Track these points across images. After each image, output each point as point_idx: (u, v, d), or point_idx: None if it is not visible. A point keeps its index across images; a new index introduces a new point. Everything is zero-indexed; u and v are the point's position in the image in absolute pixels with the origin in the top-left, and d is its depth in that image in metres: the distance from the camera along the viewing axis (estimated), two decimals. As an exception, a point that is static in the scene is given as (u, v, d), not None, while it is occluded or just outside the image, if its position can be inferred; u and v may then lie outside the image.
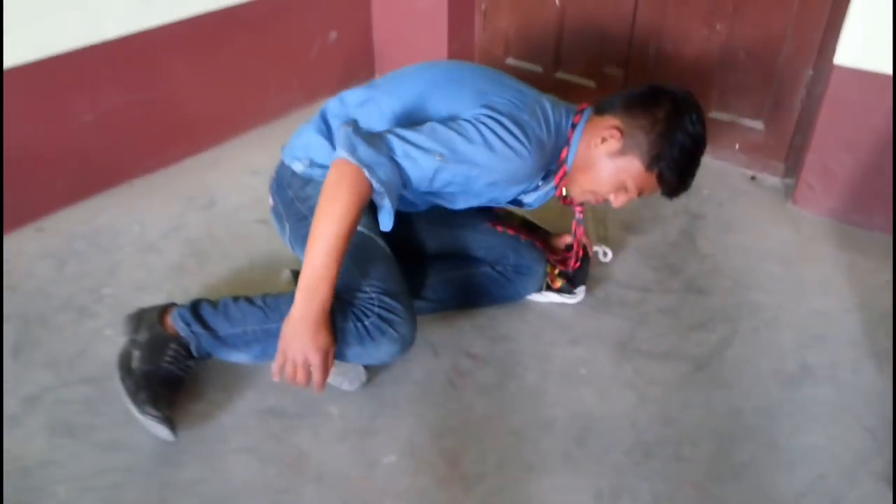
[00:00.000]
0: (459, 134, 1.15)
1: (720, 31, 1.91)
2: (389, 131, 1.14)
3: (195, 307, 1.28)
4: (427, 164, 1.13)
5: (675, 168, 1.22)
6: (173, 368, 1.25)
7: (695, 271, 1.67)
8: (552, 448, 1.23)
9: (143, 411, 1.18)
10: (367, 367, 1.33)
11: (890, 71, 1.58)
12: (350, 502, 1.13)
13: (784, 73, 1.87)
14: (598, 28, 2.14)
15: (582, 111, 1.30)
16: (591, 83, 2.24)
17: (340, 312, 1.18)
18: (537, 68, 2.35)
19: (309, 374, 1.14)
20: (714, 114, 2.04)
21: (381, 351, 1.21)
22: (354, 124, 1.15)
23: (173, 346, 1.25)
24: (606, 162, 1.25)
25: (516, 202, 1.45)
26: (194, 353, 1.27)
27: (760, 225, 1.84)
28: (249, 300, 1.27)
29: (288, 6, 2.16)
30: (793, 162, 1.92)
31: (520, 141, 1.17)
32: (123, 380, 1.22)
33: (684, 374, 1.39)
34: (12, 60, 1.60)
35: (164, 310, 1.30)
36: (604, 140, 1.24)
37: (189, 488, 1.15)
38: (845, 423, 1.28)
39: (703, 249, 1.74)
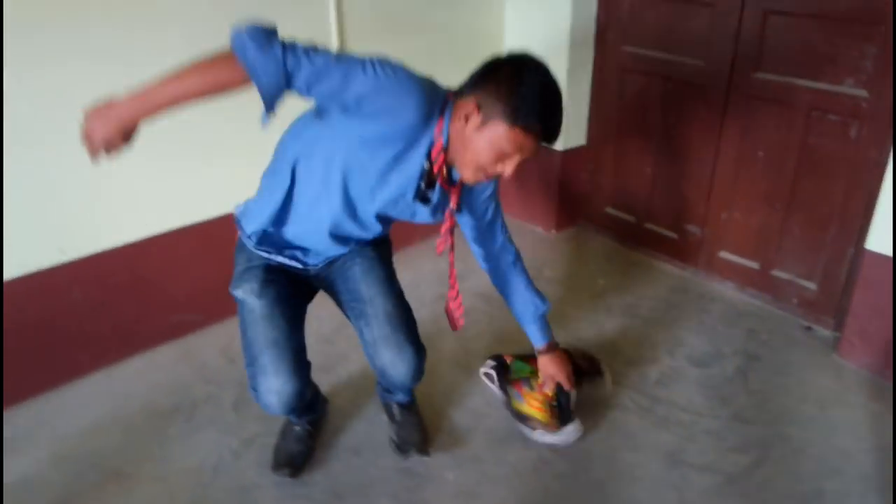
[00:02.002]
0: (356, 58, 1.26)
1: (779, 209, 2.37)
2: (292, 43, 1.22)
3: None
4: (319, 60, 1.22)
5: (532, 114, 1.30)
6: (291, 434, 1.85)
7: (742, 404, 2.06)
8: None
9: (276, 472, 1.79)
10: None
11: (911, 259, 1.97)
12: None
13: (831, 249, 2.28)
14: (682, 193, 2.65)
15: (452, 96, 1.39)
16: (674, 235, 2.74)
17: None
18: (631, 218, 2.88)
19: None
20: (776, 272, 2.46)
21: (261, 391, 1.54)
22: (252, 26, 1.20)
23: (284, 420, 1.85)
24: (476, 136, 1.33)
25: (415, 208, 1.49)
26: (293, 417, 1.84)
27: (807, 370, 2.21)
28: None
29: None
30: (840, 319, 2.29)
31: (411, 74, 1.30)
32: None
33: (719, 484, 1.79)
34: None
35: None
36: (467, 118, 1.32)
37: (351, 516, 1.70)
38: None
39: (753, 386, 2.14)
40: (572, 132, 2.88)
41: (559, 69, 2.73)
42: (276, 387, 1.53)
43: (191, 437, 1.94)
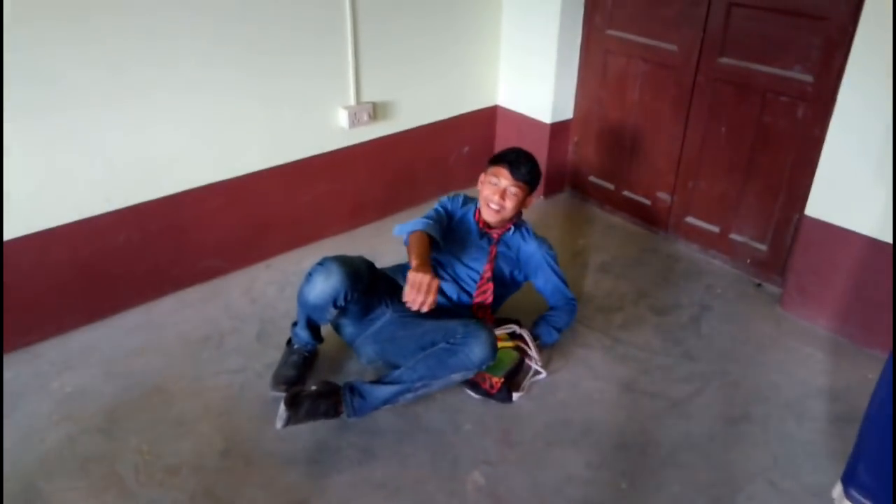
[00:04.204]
0: None
1: (737, 179, 2.68)
2: None
3: None
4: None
5: (501, 156, 2.21)
6: (288, 362, 2.20)
7: (692, 345, 2.40)
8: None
9: (273, 389, 2.11)
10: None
11: (843, 225, 2.28)
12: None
13: (780, 215, 2.60)
14: (655, 164, 2.96)
15: None
16: (647, 202, 3.05)
17: None
18: (610, 186, 3.19)
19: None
20: (733, 235, 2.78)
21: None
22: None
23: (285, 350, 2.20)
24: (481, 187, 2.25)
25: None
26: None
27: (752, 319, 2.54)
28: None
29: (436, 130, 3.15)
30: (785, 276, 2.62)
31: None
32: None
33: (664, 407, 2.13)
34: (273, 162, 2.66)
35: None
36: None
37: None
38: (763, 449, 1.98)
39: (703, 331, 2.47)
40: (560, 107, 3.18)
41: (550, 48, 3.01)
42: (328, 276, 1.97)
43: (220, 361, 2.28)
